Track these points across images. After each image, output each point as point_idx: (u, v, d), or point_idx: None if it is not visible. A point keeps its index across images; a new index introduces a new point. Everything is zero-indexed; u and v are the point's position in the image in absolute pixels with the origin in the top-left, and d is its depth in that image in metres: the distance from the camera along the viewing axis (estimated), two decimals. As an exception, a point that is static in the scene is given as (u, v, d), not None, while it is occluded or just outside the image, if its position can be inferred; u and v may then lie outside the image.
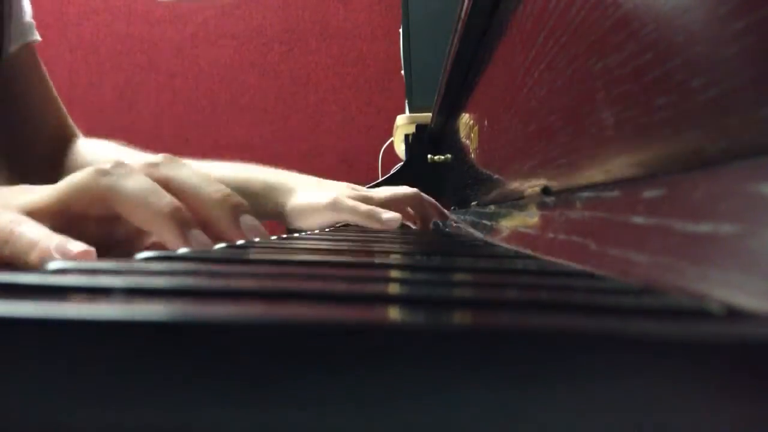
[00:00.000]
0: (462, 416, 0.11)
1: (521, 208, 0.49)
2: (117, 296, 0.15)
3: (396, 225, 0.74)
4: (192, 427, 0.11)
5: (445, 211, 0.95)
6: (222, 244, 0.36)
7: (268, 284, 0.20)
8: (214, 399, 0.11)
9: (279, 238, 0.51)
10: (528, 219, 0.44)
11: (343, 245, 0.45)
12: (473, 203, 0.81)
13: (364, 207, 0.75)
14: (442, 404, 0.11)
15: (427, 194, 0.98)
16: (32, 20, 0.78)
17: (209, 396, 0.11)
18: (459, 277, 0.26)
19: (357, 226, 0.80)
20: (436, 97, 1.06)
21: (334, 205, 0.77)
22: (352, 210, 0.75)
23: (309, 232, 0.67)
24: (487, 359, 0.11)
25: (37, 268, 0.19)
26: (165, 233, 0.37)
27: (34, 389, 0.11)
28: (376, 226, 0.74)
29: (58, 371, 0.11)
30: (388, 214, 0.74)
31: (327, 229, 0.76)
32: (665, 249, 0.21)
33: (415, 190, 0.89)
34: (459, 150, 1.01)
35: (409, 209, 0.88)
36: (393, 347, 0.11)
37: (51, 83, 0.79)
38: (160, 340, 0.11)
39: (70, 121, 0.81)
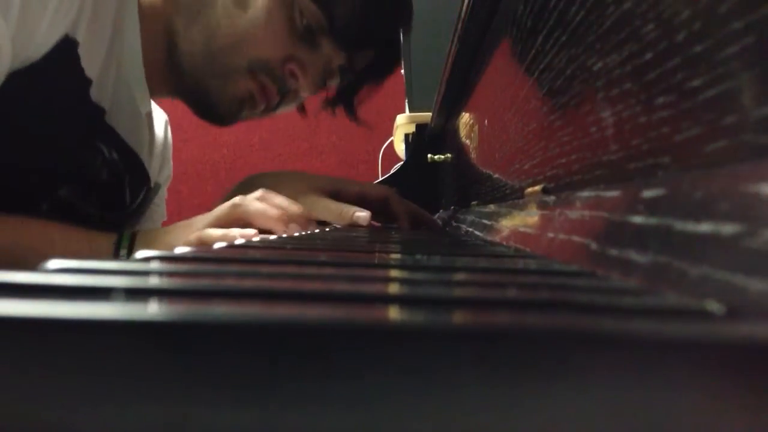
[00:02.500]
0: (462, 416, 0.11)
1: (521, 207, 0.49)
2: (117, 296, 0.15)
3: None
4: (192, 426, 0.11)
5: (431, 217, 0.93)
6: (223, 244, 0.36)
7: (267, 284, 0.20)
8: (214, 399, 0.11)
9: (279, 238, 0.51)
10: (528, 219, 0.44)
11: (343, 245, 0.45)
12: (473, 203, 0.81)
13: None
14: (442, 404, 0.11)
15: (428, 194, 0.97)
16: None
17: (209, 396, 0.11)
18: (459, 276, 0.26)
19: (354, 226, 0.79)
20: (436, 97, 1.06)
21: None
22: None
23: (309, 232, 0.67)
24: (487, 359, 0.11)
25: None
26: (277, 228, 0.68)
27: (34, 389, 0.11)
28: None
29: (58, 371, 0.11)
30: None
31: (327, 230, 0.76)
32: (665, 249, 0.21)
33: (387, 189, 0.88)
34: (459, 150, 1.01)
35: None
36: (393, 347, 0.11)
37: None
38: (160, 340, 0.11)
39: None
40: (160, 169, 0.99)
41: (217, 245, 0.35)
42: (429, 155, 1.26)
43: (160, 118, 1.02)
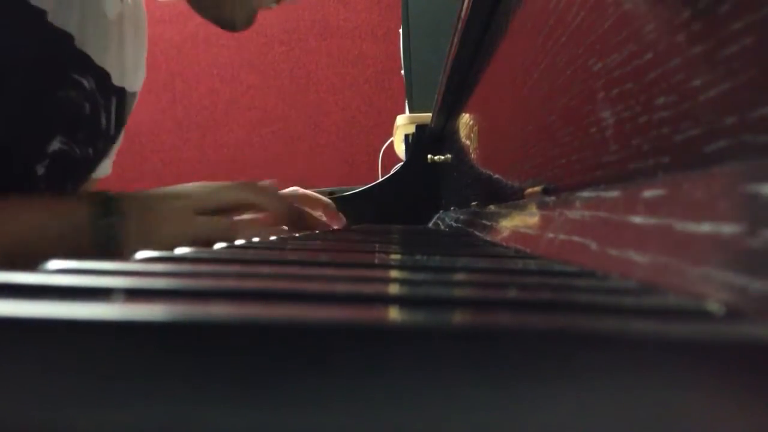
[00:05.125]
0: (462, 416, 0.11)
1: (521, 208, 0.49)
2: (117, 296, 0.15)
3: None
4: (192, 427, 0.11)
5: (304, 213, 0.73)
6: (223, 244, 0.36)
7: (268, 284, 0.20)
8: (214, 399, 0.11)
9: (279, 238, 0.51)
10: (528, 219, 0.44)
11: (343, 245, 0.45)
12: (473, 203, 0.81)
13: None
14: (441, 404, 0.11)
15: (427, 194, 0.95)
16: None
17: (209, 396, 0.11)
18: (459, 277, 0.26)
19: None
20: (436, 97, 1.06)
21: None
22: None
23: (308, 233, 0.67)
24: (487, 359, 0.11)
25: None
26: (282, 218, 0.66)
27: (34, 389, 0.11)
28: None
29: (58, 371, 0.11)
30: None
31: (327, 230, 0.76)
32: (665, 249, 0.21)
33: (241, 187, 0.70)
34: (459, 150, 1.01)
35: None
36: (393, 347, 0.11)
37: None
38: (160, 340, 0.11)
39: None
40: (134, 72, 0.83)
41: (217, 245, 0.35)
42: (429, 155, 1.26)
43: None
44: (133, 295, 0.16)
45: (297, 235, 0.63)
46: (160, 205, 0.63)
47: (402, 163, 1.42)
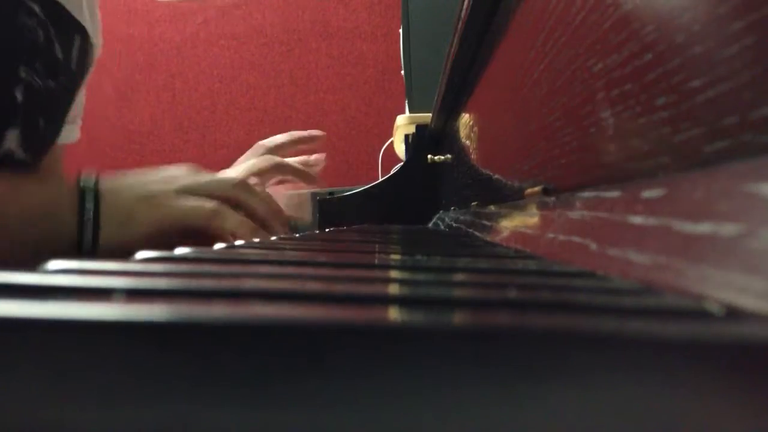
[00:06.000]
0: (461, 416, 0.11)
1: (521, 208, 0.49)
2: (117, 296, 0.15)
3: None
4: (192, 427, 0.11)
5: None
6: (222, 244, 0.36)
7: (268, 284, 0.20)
8: (214, 399, 0.11)
9: (279, 238, 0.51)
10: (528, 219, 0.44)
11: (342, 245, 0.45)
12: (473, 203, 0.81)
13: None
14: (441, 404, 0.11)
15: (427, 194, 0.95)
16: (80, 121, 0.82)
17: (209, 396, 0.11)
18: (459, 277, 0.26)
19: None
20: (436, 97, 1.06)
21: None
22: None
23: (308, 233, 0.67)
24: (487, 359, 0.11)
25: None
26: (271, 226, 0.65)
27: (34, 389, 0.11)
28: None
29: (58, 371, 0.11)
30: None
31: (327, 230, 0.76)
32: (665, 249, 0.21)
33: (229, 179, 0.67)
34: (459, 150, 1.01)
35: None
36: (393, 347, 0.11)
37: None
38: (160, 340, 0.11)
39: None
40: (91, 22, 0.77)
41: (217, 246, 0.35)
42: (429, 156, 1.26)
43: None
44: (133, 295, 0.16)
45: (297, 235, 0.63)
46: (141, 187, 0.62)
47: (402, 163, 1.42)
